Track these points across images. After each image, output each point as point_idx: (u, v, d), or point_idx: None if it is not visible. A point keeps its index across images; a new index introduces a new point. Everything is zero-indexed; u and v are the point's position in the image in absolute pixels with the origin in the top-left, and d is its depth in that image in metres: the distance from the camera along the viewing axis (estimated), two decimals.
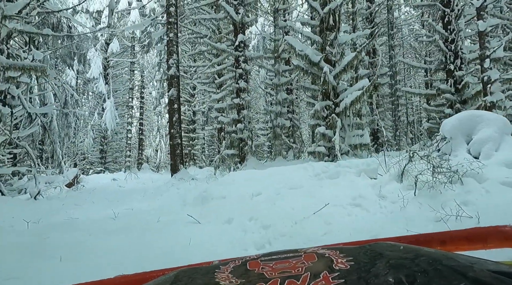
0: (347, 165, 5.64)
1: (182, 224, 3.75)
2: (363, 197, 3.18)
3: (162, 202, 5.83)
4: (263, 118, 25.15)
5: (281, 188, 4.21)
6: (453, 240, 0.64)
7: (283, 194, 3.82)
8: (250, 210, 3.62)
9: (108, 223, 4.19)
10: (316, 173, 5.37)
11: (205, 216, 3.92)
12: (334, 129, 7.90)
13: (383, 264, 0.44)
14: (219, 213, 3.85)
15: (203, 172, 13.92)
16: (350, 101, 7.73)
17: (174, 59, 10.29)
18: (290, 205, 3.30)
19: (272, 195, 3.93)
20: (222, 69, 12.44)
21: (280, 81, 12.19)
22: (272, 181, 4.87)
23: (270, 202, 3.63)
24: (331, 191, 3.54)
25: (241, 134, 10.39)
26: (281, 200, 3.53)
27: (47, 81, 12.29)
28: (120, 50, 22.03)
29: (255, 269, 0.50)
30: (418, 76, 20.66)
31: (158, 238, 3.29)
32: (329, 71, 8.17)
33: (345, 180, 3.89)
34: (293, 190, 3.98)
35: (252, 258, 0.56)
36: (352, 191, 3.42)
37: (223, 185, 5.02)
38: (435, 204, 2.65)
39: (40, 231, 3.67)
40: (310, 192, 3.66)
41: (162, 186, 8.45)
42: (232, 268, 0.52)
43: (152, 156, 32.38)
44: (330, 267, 0.45)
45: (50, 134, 13.15)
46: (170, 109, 10.17)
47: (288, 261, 0.51)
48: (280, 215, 3.04)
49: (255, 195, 4.09)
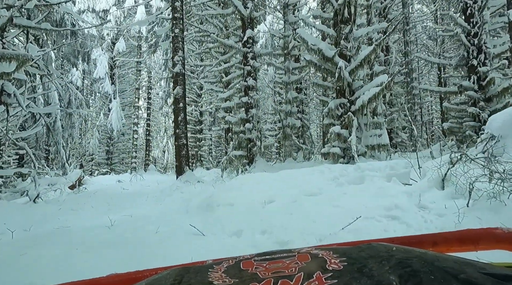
0: (368, 167, 5.10)
1: (183, 236, 3.25)
2: (400, 208, 2.64)
3: (164, 207, 5.34)
4: (271, 118, 24.64)
5: (297, 195, 3.68)
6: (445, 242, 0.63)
7: (300, 202, 3.29)
8: (262, 220, 3.10)
9: (102, 233, 3.72)
10: (334, 176, 4.83)
11: (210, 227, 3.41)
12: (350, 129, 7.33)
13: (376, 265, 0.44)
14: (226, 224, 3.33)
15: (210, 173, 13.47)
16: (368, 99, 7.15)
17: (180, 56, 9.84)
18: (310, 216, 2.77)
19: (287, 203, 3.41)
20: (230, 67, 11.97)
21: (290, 79, 11.66)
22: (285, 185, 4.34)
23: (285, 211, 3.10)
24: (358, 199, 3.00)
25: (249, 134, 9.88)
26: (299, 210, 3.00)
27: (51, 81, 11.99)
28: (127, 49, 21.76)
29: (249, 269, 0.49)
30: (430, 75, 19.89)
31: (154, 254, 2.79)
32: (344, 67, 7.61)
33: (373, 186, 3.34)
34: (312, 197, 3.44)
35: (245, 257, 0.56)
36: (384, 200, 2.87)
37: (230, 190, 4.51)
38: (500, 219, 2.09)
39: (22, 243, 3.21)
40: (332, 199, 3.12)
41: (166, 189, 7.98)
42: (225, 267, 0.51)
43: (160, 157, 32.14)
44: (323, 267, 0.45)
45: (53, 134, 12.86)
46: (175, 108, 9.71)
47: (281, 261, 0.51)
48: (300, 228, 2.52)
49: (268, 203, 3.57)
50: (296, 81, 11.92)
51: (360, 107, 7.49)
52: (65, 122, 12.89)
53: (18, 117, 10.57)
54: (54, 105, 12.70)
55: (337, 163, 7.59)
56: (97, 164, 22.37)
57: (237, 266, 0.52)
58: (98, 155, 22.11)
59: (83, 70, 19.43)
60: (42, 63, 11.56)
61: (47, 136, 13.05)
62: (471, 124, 9.24)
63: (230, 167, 10.07)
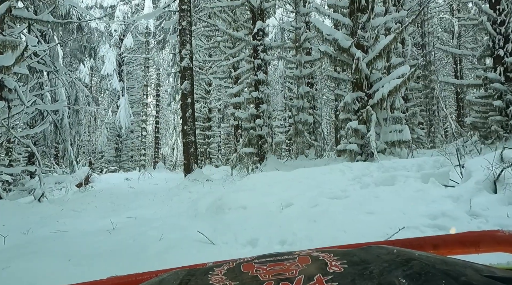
0: (393, 166, 4.64)
1: (190, 245, 2.87)
2: (448, 216, 2.19)
3: (171, 209, 4.99)
4: (280, 115, 24.17)
5: (317, 197, 3.26)
6: (446, 244, 0.63)
7: (323, 207, 2.87)
8: (280, 228, 2.69)
9: (101, 239, 3.37)
10: (356, 176, 4.39)
11: (220, 234, 3.02)
12: (369, 124, 6.85)
13: (377, 268, 0.43)
14: (239, 230, 2.94)
15: (219, 171, 13.11)
16: (388, 91, 6.65)
17: (187, 50, 9.46)
18: (339, 224, 2.35)
19: (308, 207, 2.99)
20: (239, 61, 11.55)
21: (302, 73, 11.18)
22: (303, 186, 3.92)
23: (307, 217, 2.69)
24: (393, 204, 2.57)
25: (260, 130, 9.47)
26: (324, 216, 2.58)
27: (57, 77, 11.77)
28: (135, 46, 21.53)
29: (249, 271, 0.49)
30: (445, 68, 19.06)
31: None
32: (362, 58, 7.12)
33: (408, 188, 2.90)
34: (336, 200, 3.02)
35: (246, 260, 0.56)
36: (426, 205, 2.44)
37: (242, 190, 4.11)
38: None
39: (11, 252, 2.88)
40: (362, 204, 2.69)
41: (173, 188, 7.65)
42: (226, 270, 0.51)
43: (169, 154, 32.02)
44: (324, 269, 0.45)
45: (61, 132, 12.67)
46: (183, 104, 9.36)
47: (282, 264, 0.51)
48: (328, 240, 2.11)
49: (285, 206, 3.16)
50: (308, 75, 11.43)
51: (379, 101, 6.99)
52: (72, 119, 12.68)
53: (26, 114, 10.39)
54: (61, 102, 12.51)
55: (354, 161, 7.12)
56: (107, 161, 22.29)
57: (238, 268, 0.51)
58: (107, 152, 22.00)
59: (91, 67, 19.27)
60: (49, 59, 11.33)
61: (55, 134, 12.88)
62: (497, 118, 8.63)
63: (240, 164, 9.68)
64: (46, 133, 13.15)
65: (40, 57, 10.37)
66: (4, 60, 5.33)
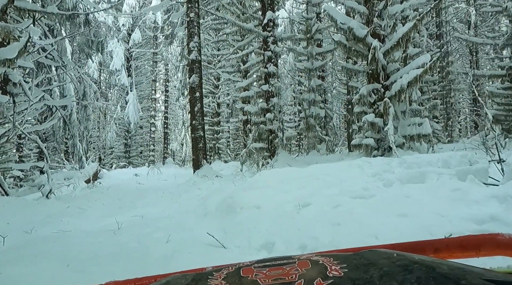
0: (416, 161, 4.30)
1: (199, 249, 2.62)
2: (498, 220, 1.88)
3: (179, 206, 4.76)
4: (290, 109, 23.77)
5: (338, 196, 2.97)
6: (446, 248, 0.62)
7: (346, 207, 2.59)
8: (298, 231, 2.42)
9: (104, 240, 3.15)
10: (375, 172, 4.08)
11: (232, 236, 2.76)
12: (386, 117, 6.49)
13: (377, 272, 0.43)
14: (253, 233, 2.67)
15: (229, 167, 12.89)
16: (407, 82, 6.27)
17: (195, 42, 9.19)
18: (367, 228, 2.06)
19: (329, 207, 2.71)
20: (248, 54, 11.23)
21: (314, 65, 10.81)
22: (320, 184, 3.63)
23: (329, 219, 2.40)
24: (428, 206, 2.26)
25: (270, 125, 9.17)
26: (348, 218, 2.30)
27: (65, 72, 11.66)
28: (143, 41, 21.37)
29: (249, 276, 0.49)
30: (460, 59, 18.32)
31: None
32: (378, 47, 6.73)
33: (443, 187, 2.58)
34: (360, 200, 2.72)
35: (245, 264, 0.56)
36: (469, 207, 2.12)
37: (254, 188, 3.84)
38: None
39: (8, 255, 2.68)
40: (391, 205, 2.39)
41: (182, 185, 7.44)
42: (225, 274, 0.51)
43: (178, 150, 32.00)
44: (323, 274, 0.45)
45: (70, 128, 12.60)
46: (191, 98, 9.11)
47: (281, 268, 0.50)
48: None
49: (303, 206, 2.87)
50: (320, 67, 11.05)
51: (397, 92, 6.61)
52: (80, 115, 12.59)
53: (36, 110, 10.33)
54: (70, 98, 12.42)
55: (370, 156, 6.79)
56: (117, 157, 22.32)
57: (237, 273, 0.51)
58: (117, 148, 22.02)
59: (100, 63, 19.19)
60: (57, 54, 11.21)
61: (64, 129, 12.83)
62: None
63: (249, 160, 9.42)
64: (55, 129, 13.12)
65: (48, 52, 10.24)
66: (6, 52, 5.15)
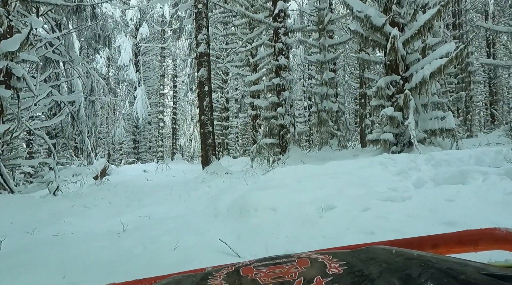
0: (444, 158, 3.95)
1: (210, 257, 2.33)
2: None
3: (188, 206, 4.50)
4: (299, 104, 23.33)
5: (365, 198, 2.65)
6: (445, 243, 0.63)
7: (376, 211, 2.27)
8: (324, 239, 2.11)
9: (107, 244, 2.90)
10: (400, 170, 3.74)
11: (246, 243, 2.47)
12: (407, 111, 6.09)
13: (376, 268, 0.43)
14: (270, 239, 2.38)
15: (238, 163, 12.62)
16: (430, 73, 5.85)
17: (204, 35, 8.88)
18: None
19: (356, 211, 2.39)
20: (258, 47, 10.87)
21: (326, 57, 10.41)
22: (341, 183, 3.31)
23: (359, 226, 2.09)
24: (481, 212, 1.92)
25: (281, 120, 8.84)
26: (383, 226, 1.98)
27: (73, 67, 11.50)
28: (150, 35, 21.15)
29: (248, 275, 0.49)
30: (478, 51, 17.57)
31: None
32: (398, 36, 6.32)
33: (494, 189, 2.24)
34: (392, 203, 2.40)
35: (245, 264, 0.56)
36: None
37: (268, 187, 3.54)
38: None
39: (1, 263, 2.44)
40: (432, 210, 2.06)
41: (191, 181, 7.19)
42: (225, 274, 0.51)
43: (187, 146, 31.92)
44: (323, 271, 0.45)
45: (78, 123, 12.49)
46: (200, 92, 8.83)
47: (281, 267, 0.50)
48: None
49: (326, 209, 2.56)
50: (333, 60, 10.64)
51: (418, 84, 6.21)
52: (88, 110, 12.45)
53: (44, 106, 10.20)
54: (77, 93, 12.28)
55: (388, 151, 6.42)
56: (126, 153, 22.28)
57: (237, 272, 0.51)
58: (126, 144, 21.97)
59: (108, 58, 19.06)
60: (64, 49, 11.04)
61: (72, 125, 12.72)
62: None
63: (259, 156, 9.12)
64: (63, 125, 13.03)
65: (55, 47, 10.07)
66: (8, 45, 4.93)
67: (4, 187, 6.55)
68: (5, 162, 7.65)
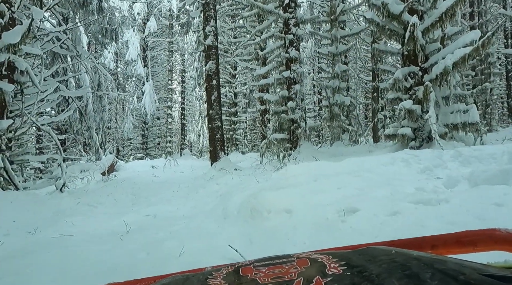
0: (474, 154, 3.63)
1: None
2: None
3: (195, 205, 4.27)
4: (308, 99, 22.91)
5: (391, 200, 2.36)
6: (444, 244, 0.62)
7: (408, 216, 1.99)
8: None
9: (109, 247, 2.69)
10: (425, 167, 3.43)
11: (259, 249, 2.21)
12: (427, 104, 5.73)
13: (376, 269, 0.43)
14: (286, 247, 2.12)
15: (247, 158, 12.38)
16: (453, 64, 5.47)
17: (212, 26, 8.61)
18: None
19: (383, 215, 2.11)
20: (267, 39, 10.55)
21: (338, 49, 10.02)
22: (362, 182, 3.02)
23: (389, 235, 1.82)
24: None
25: (292, 114, 8.54)
26: (420, 232, 1.73)
27: (80, 61, 11.37)
28: (158, 30, 20.96)
29: (248, 275, 0.49)
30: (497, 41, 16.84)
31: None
32: (418, 24, 5.94)
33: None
34: (425, 206, 2.11)
35: (244, 263, 0.55)
36: None
37: (282, 187, 3.28)
38: None
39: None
40: (480, 218, 1.76)
41: (199, 178, 6.98)
42: (224, 274, 0.51)
43: (195, 141, 31.86)
44: (322, 272, 0.45)
45: (85, 119, 12.40)
46: (208, 86, 8.58)
47: (281, 267, 0.50)
48: None
49: (347, 212, 2.29)
50: (345, 52, 10.26)
51: (439, 75, 5.83)
52: (96, 105, 12.34)
53: (53, 101, 10.10)
54: (85, 88, 12.18)
55: (406, 147, 6.08)
56: (135, 148, 22.28)
57: (236, 272, 0.51)
58: (135, 139, 21.95)
59: (116, 53, 18.96)
60: (71, 43, 10.90)
61: (80, 121, 12.65)
62: None
63: (268, 151, 8.84)
64: (72, 121, 12.97)
65: (61, 42, 9.93)
66: (9, 36, 4.75)
67: (10, 183, 6.45)
68: (14, 158, 7.57)
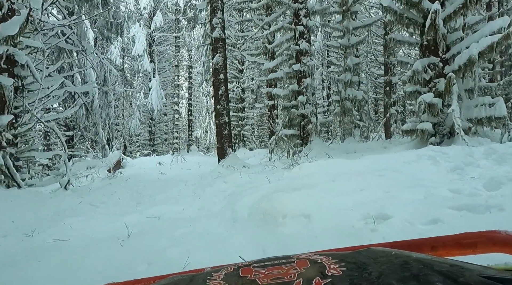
0: (509, 151, 3.25)
1: None
2: None
3: (202, 205, 4.00)
4: (317, 93, 22.45)
5: (425, 203, 2.04)
6: (444, 246, 0.62)
7: (452, 224, 1.68)
8: None
9: (107, 254, 2.43)
10: (456, 166, 3.09)
11: None
12: (449, 97, 5.35)
13: (375, 270, 0.43)
14: None
15: (255, 155, 12.09)
16: (478, 53, 5.07)
17: (219, 18, 8.29)
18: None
19: (421, 224, 1.80)
20: (276, 31, 10.18)
21: (350, 41, 9.61)
22: (388, 182, 2.70)
23: None
24: None
25: (302, 109, 8.20)
26: None
27: (85, 56, 11.18)
28: (165, 25, 20.71)
29: (248, 276, 0.49)
30: None
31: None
32: (439, 11, 5.53)
33: None
34: (473, 214, 1.79)
35: (244, 264, 0.55)
36: None
37: (297, 188, 2.97)
38: None
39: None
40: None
41: (206, 175, 6.72)
42: (224, 275, 0.51)
43: (202, 137, 31.72)
44: (322, 273, 0.45)
45: (91, 115, 12.23)
46: (215, 80, 8.29)
47: (280, 267, 0.50)
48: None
49: (377, 219, 1.98)
50: (358, 44, 9.85)
51: (462, 66, 5.43)
52: (102, 101, 12.17)
53: (58, 97, 9.94)
54: (91, 84, 12.01)
55: (426, 143, 5.71)
56: (142, 145, 22.17)
57: (236, 273, 0.51)
58: (142, 135, 21.83)
59: (122, 49, 18.78)
60: (76, 38, 10.70)
61: (86, 117, 12.50)
62: None
63: (277, 147, 8.54)
64: (78, 117, 12.83)
65: (66, 36, 9.72)
66: (7, 28, 4.52)
67: (13, 180, 6.28)
68: (20, 154, 7.42)
